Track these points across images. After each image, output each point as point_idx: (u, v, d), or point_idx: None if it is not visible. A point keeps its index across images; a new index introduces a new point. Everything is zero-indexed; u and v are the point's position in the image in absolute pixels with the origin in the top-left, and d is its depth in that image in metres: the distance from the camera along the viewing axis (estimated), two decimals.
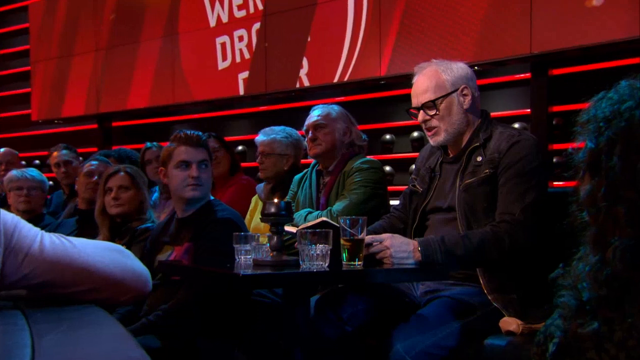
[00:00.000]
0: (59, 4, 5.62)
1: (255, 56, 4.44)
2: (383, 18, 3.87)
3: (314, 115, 2.69)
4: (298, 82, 4.26)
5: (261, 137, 2.96)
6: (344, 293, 1.95)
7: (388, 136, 4.27)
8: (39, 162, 5.82)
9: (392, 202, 2.65)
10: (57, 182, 4.38)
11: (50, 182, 4.18)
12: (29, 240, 1.06)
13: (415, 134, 4.10)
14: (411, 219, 2.08)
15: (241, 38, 4.52)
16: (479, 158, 1.96)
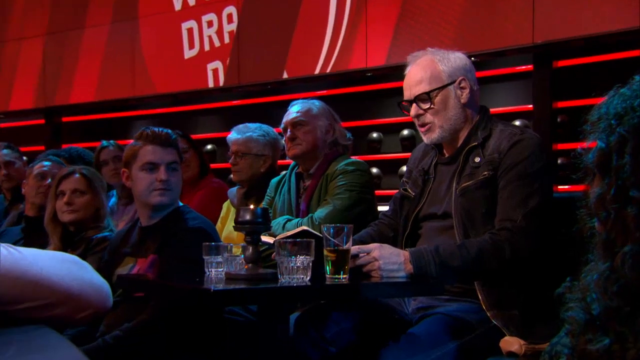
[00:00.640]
0: None
1: (226, 44, 4.43)
2: (370, 2, 3.89)
3: (293, 111, 2.69)
4: (275, 74, 4.26)
5: (235, 136, 2.95)
6: (327, 310, 1.95)
7: (375, 134, 4.29)
8: None
9: (381, 208, 2.66)
10: None
11: None
12: None
13: (405, 132, 4.12)
14: (402, 227, 2.10)
15: (210, 23, 4.51)
16: (477, 159, 1.98)
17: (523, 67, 3.74)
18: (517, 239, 1.85)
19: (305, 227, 1.93)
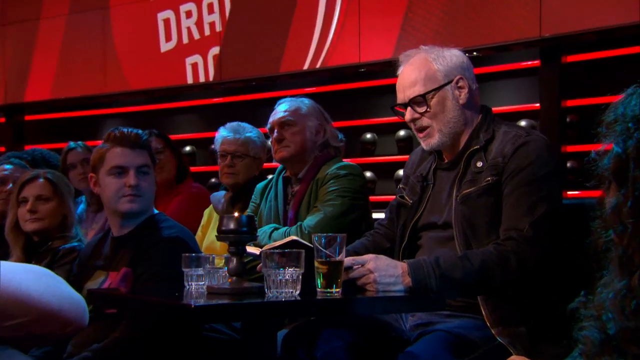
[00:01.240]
0: None
1: (207, 37, 4.44)
2: None
3: (280, 110, 2.70)
4: (260, 70, 4.27)
5: (231, 135, 2.96)
6: (318, 327, 1.96)
7: (369, 135, 4.31)
8: None
9: (375, 216, 2.67)
10: None
11: None
12: None
13: (401, 133, 4.15)
14: (399, 237, 2.11)
15: (189, 14, 4.52)
16: (480, 163, 1.99)
17: (529, 63, 3.77)
18: (524, 250, 1.86)
19: (294, 237, 1.93)
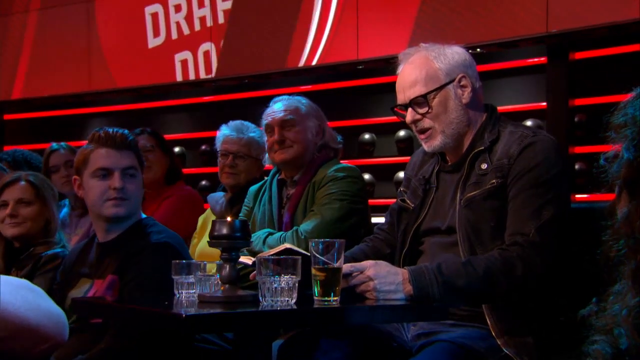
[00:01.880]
0: None
1: (197, 32, 4.44)
2: None
3: (278, 109, 2.68)
4: (253, 67, 4.27)
5: (234, 134, 2.97)
6: (315, 337, 1.96)
7: (368, 135, 4.32)
8: None
9: (374, 220, 2.68)
10: None
11: None
12: None
13: (402, 133, 4.15)
14: (400, 243, 2.11)
15: (178, 8, 4.52)
16: (484, 165, 2.00)
17: (536, 60, 3.78)
18: (530, 255, 1.87)
19: (288, 245, 1.93)
